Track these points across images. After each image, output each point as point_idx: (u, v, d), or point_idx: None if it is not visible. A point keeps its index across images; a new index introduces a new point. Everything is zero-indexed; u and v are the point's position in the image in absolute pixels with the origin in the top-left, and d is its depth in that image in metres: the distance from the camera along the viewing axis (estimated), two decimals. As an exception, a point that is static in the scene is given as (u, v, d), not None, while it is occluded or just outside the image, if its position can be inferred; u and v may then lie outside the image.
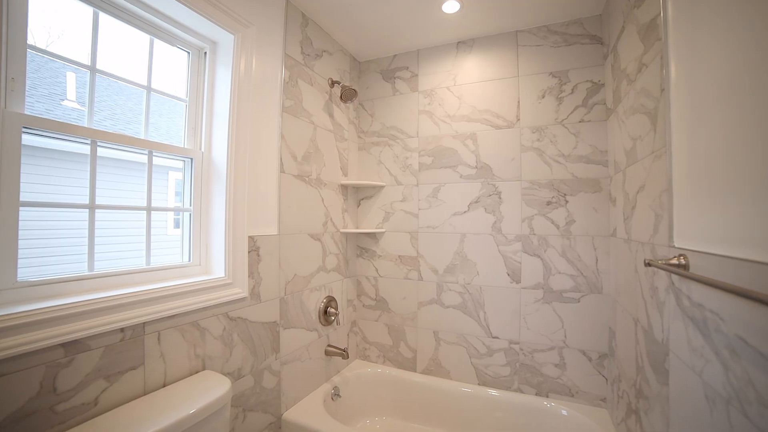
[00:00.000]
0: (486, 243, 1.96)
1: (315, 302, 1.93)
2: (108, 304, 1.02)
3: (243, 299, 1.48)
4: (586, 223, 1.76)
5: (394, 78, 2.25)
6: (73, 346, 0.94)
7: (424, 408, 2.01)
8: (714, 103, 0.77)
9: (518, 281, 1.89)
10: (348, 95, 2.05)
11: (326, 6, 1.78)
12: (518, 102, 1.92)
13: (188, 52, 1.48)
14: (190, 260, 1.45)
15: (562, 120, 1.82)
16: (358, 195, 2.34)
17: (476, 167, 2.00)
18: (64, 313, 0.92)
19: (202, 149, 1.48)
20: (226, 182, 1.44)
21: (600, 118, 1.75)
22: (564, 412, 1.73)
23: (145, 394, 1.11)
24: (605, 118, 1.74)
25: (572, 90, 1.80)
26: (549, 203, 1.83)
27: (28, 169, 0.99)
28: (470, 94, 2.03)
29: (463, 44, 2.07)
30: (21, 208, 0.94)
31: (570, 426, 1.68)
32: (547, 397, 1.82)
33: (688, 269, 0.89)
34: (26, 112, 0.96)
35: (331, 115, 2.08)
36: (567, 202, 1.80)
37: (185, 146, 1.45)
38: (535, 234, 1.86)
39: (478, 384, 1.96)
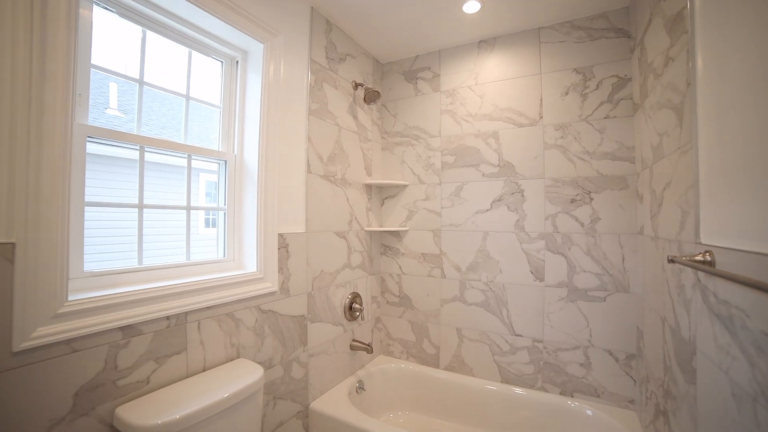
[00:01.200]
0: (509, 241, 1.98)
1: (340, 298, 2.01)
2: (156, 294, 1.14)
3: (273, 293, 1.58)
4: (612, 221, 1.74)
5: (416, 79, 2.30)
6: (129, 330, 1.06)
7: (446, 404, 2.05)
8: (741, 97, 0.77)
9: (542, 279, 1.89)
10: (371, 97, 2.12)
11: (349, 11, 1.86)
12: (541, 99, 1.92)
13: (222, 62, 1.60)
14: (225, 256, 1.56)
15: (587, 116, 1.80)
16: (381, 194, 2.41)
17: (499, 165, 2.02)
18: (122, 301, 1.05)
19: (235, 152, 1.59)
20: (258, 183, 1.54)
21: (626, 114, 1.73)
22: (589, 413, 1.72)
23: (187, 376, 1.23)
24: (632, 114, 1.71)
25: (597, 86, 1.79)
26: (573, 201, 1.82)
27: (89, 174, 1.13)
28: (492, 93, 2.05)
29: (485, 43, 2.09)
30: (86, 208, 1.08)
31: (595, 427, 1.68)
32: (572, 396, 1.81)
33: (714, 266, 0.89)
34: (89, 123, 1.10)
35: (355, 117, 2.15)
36: (592, 199, 1.78)
37: (220, 149, 1.57)
38: (558, 232, 1.85)
39: (501, 382, 1.98)
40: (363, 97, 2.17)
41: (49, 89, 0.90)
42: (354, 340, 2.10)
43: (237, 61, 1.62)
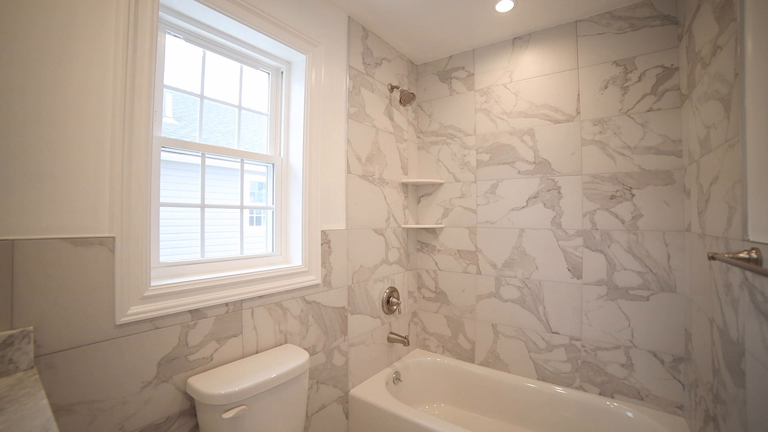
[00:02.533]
0: (545, 238, 1.96)
1: (378, 292, 2.11)
2: (218, 283, 1.30)
3: (317, 285, 1.71)
4: (656, 218, 1.68)
5: (451, 78, 2.33)
6: (196, 313, 1.23)
7: (482, 398, 2.08)
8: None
9: (579, 277, 1.86)
10: (406, 99, 2.19)
11: (384, 17, 1.94)
12: (578, 94, 1.88)
13: (268, 73, 1.74)
14: (273, 250, 1.71)
15: (628, 110, 1.74)
16: (418, 192, 2.47)
17: (534, 162, 2.01)
18: (190, 288, 1.21)
19: (282, 155, 1.73)
20: (302, 183, 1.67)
21: (672, 106, 1.65)
22: (630, 414, 1.67)
23: (243, 357, 1.38)
24: (678, 105, 1.63)
25: (639, 78, 1.72)
26: (613, 197, 1.77)
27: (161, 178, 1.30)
28: (527, 90, 2.04)
29: (519, 40, 2.08)
30: (161, 208, 1.25)
31: (636, 430, 1.63)
32: (612, 397, 1.77)
33: (761, 264, 0.86)
34: (162, 135, 1.28)
35: (391, 118, 2.23)
36: (633, 195, 1.72)
37: (268, 153, 1.72)
38: (597, 229, 1.81)
39: (537, 379, 1.97)
40: (399, 99, 2.24)
41: (137, 108, 1.07)
42: (391, 333, 2.19)
43: (282, 72, 1.75)
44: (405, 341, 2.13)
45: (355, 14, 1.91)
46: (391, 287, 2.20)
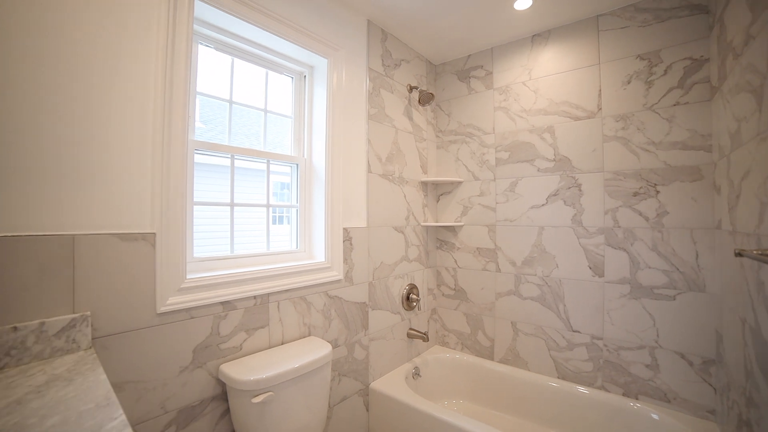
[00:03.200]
0: (565, 236, 1.93)
1: (398, 288, 2.14)
2: (246, 277, 1.38)
3: (339, 281, 1.76)
4: (683, 215, 1.62)
5: (469, 77, 2.33)
6: (227, 305, 1.31)
7: (501, 395, 2.08)
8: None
9: (601, 275, 1.82)
10: (425, 99, 2.21)
11: (403, 19, 1.97)
12: (599, 91, 1.84)
13: (292, 77, 1.81)
14: (297, 247, 1.78)
15: (652, 105, 1.69)
16: (437, 191, 2.49)
17: (554, 160, 1.98)
18: (222, 281, 1.29)
19: (305, 156, 1.80)
20: (325, 183, 1.73)
21: (700, 99, 1.59)
22: (655, 416, 1.62)
23: (269, 347, 1.46)
24: (708, 98, 1.57)
25: (665, 71, 1.67)
26: (636, 194, 1.72)
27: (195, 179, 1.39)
28: (547, 87, 2.01)
29: (538, 37, 2.05)
30: (195, 207, 1.34)
31: None
32: (637, 399, 1.72)
33: (791, 261, 0.83)
34: (196, 138, 1.37)
35: (410, 118, 2.26)
36: (658, 192, 1.67)
37: (292, 154, 1.79)
38: (619, 226, 1.77)
39: (558, 377, 1.95)
40: (417, 99, 2.26)
41: (174, 114, 1.16)
42: (411, 329, 2.22)
43: (305, 76, 1.82)
44: (424, 337, 2.16)
45: (375, 17, 1.95)
46: (410, 284, 2.23)
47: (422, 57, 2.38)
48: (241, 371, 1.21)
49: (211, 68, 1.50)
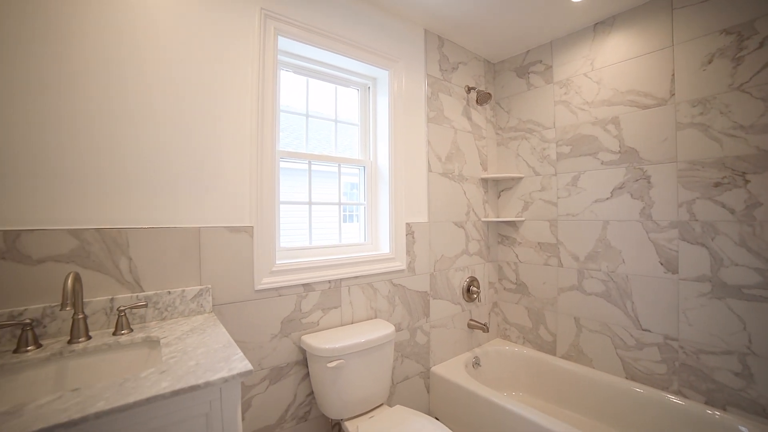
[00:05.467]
0: (633, 230, 1.81)
1: (459, 280, 2.22)
2: (323, 264, 1.60)
3: (402, 271, 1.91)
4: (779, 206, 1.42)
5: (528, 73, 2.29)
6: (307, 287, 1.55)
7: (563, 391, 2.02)
8: None
9: (674, 271, 1.67)
10: (483, 99, 2.24)
11: (459, 24, 2.02)
12: (672, 75, 1.68)
13: (358, 89, 2.01)
14: (365, 240, 1.98)
15: (741, 84, 1.50)
16: (498, 187, 2.50)
17: (620, 152, 1.86)
18: (303, 267, 1.53)
19: (371, 159, 1.98)
20: (388, 182, 1.89)
21: (805, 74, 1.38)
22: (743, 429, 1.45)
23: (341, 325, 1.67)
24: (814, 73, 1.36)
25: (760, 44, 1.46)
26: (717, 185, 1.55)
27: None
28: (611, 77, 1.90)
29: (601, 25, 1.94)
30: (281, 205, 1.61)
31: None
32: (724, 410, 1.55)
33: None
34: (281, 149, 1.63)
35: (469, 118, 2.32)
36: (747, 181, 1.49)
37: (359, 158, 1.99)
38: (697, 220, 1.61)
39: (626, 378, 1.84)
40: (476, 99, 2.30)
41: (266, 129, 1.42)
42: (471, 320, 2.28)
43: (369, 87, 2.00)
44: (484, 328, 2.20)
45: (431, 26, 2.05)
46: (471, 277, 2.29)
47: (480, 57, 2.41)
48: (319, 341, 1.44)
49: (290, 88, 1.76)
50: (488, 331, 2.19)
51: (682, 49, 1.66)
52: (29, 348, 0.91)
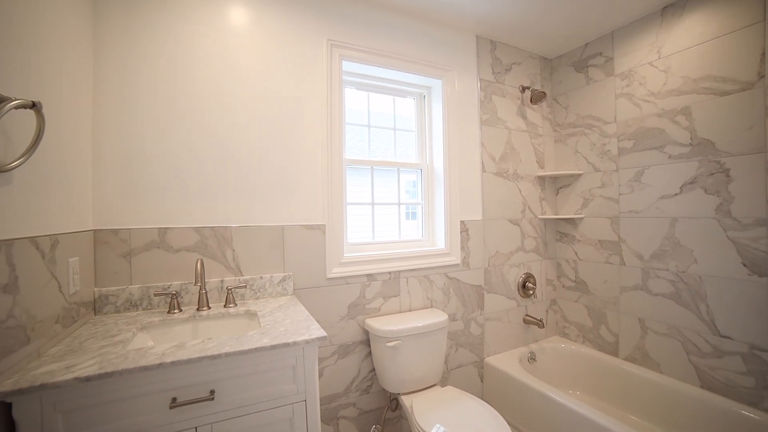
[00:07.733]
0: (707, 228, 1.62)
1: (514, 276, 2.21)
2: (384, 257, 1.75)
3: (456, 265, 1.98)
4: None
5: (587, 67, 2.16)
6: (370, 277, 1.71)
7: (625, 395, 1.88)
8: None
9: (762, 274, 1.46)
10: (537, 98, 2.18)
11: (512, 27, 1.98)
12: (762, 54, 1.45)
13: (414, 99, 2.11)
14: (422, 236, 2.08)
15: None
16: (555, 184, 2.40)
17: (690, 144, 1.67)
18: (367, 259, 1.70)
19: (427, 162, 2.07)
20: (444, 183, 1.97)
21: None
22: None
23: (400, 312, 1.80)
24: None
25: None
26: (814, 177, 1.33)
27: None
28: (680, 64, 1.71)
29: (671, 7, 1.74)
30: (348, 205, 1.80)
31: None
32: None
33: None
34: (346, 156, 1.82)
35: (524, 117, 2.27)
36: None
37: (417, 161, 2.10)
38: (789, 216, 1.39)
39: (701, 387, 1.65)
40: (530, 98, 2.25)
41: (334, 142, 1.61)
42: (527, 315, 2.24)
43: (424, 96, 2.09)
44: (540, 324, 2.16)
45: (483, 32, 2.06)
46: (527, 273, 2.25)
47: (535, 55, 2.33)
48: (380, 323, 1.59)
49: (353, 101, 1.94)
50: (544, 327, 2.14)
51: (774, 25, 1.43)
52: (175, 312, 1.24)
